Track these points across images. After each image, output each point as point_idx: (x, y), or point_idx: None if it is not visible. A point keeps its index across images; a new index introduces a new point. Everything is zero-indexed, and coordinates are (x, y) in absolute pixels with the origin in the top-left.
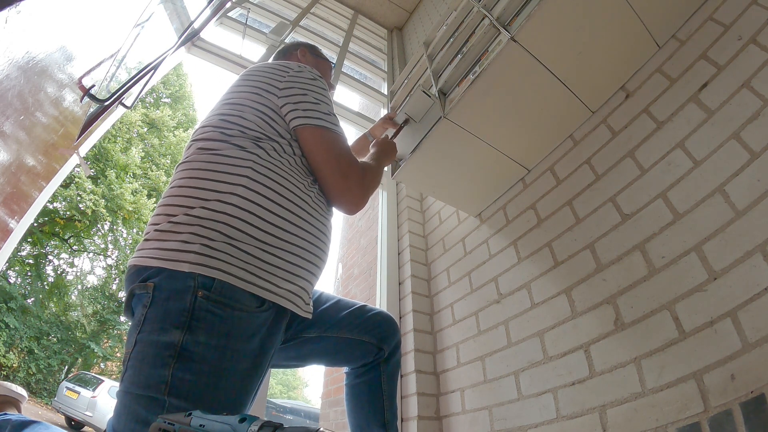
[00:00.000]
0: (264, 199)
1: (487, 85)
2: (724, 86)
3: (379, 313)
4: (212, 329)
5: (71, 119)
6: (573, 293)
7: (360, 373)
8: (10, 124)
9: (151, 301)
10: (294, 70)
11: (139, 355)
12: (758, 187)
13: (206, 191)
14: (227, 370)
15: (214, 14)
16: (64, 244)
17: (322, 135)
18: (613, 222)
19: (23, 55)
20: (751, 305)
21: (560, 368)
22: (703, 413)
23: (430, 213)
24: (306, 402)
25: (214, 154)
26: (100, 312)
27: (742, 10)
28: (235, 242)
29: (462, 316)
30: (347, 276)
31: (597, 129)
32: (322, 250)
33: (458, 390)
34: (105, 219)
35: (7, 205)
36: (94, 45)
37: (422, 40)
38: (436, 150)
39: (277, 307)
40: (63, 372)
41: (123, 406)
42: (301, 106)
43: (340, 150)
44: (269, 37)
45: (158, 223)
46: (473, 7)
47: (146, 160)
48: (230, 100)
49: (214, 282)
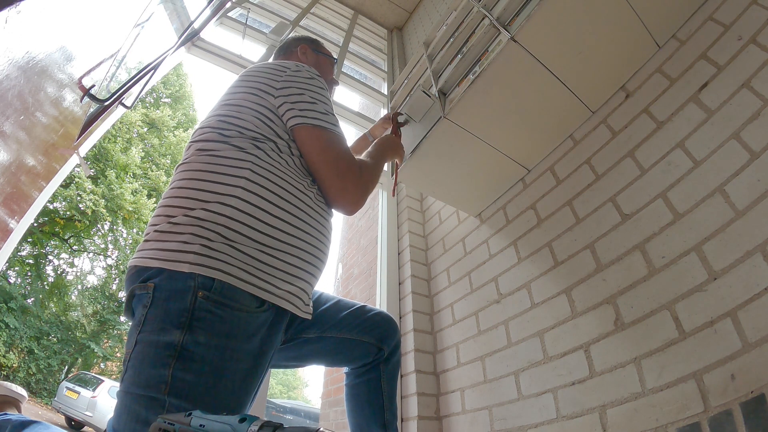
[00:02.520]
0: (263, 200)
1: (487, 85)
2: (724, 86)
3: (379, 314)
4: (212, 329)
5: (71, 119)
6: (573, 293)
7: (360, 373)
8: (10, 124)
9: (152, 301)
10: (291, 70)
11: (139, 355)
12: (758, 187)
13: (205, 192)
14: (227, 370)
15: (214, 14)
16: (64, 244)
17: (320, 135)
18: (613, 222)
19: (23, 55)
20: (751, 305)
21: (560, 368)
22: (703, 413)
23: (430, 213)
24: (306, 402)
25: (213, 155)
26: (100, 312)
27: (742, 10)
28: (234, 243)
29: (462, 316)
30: (347, 276)
31: (597, 129)
32: (322, 251)
33: (458, 390)
34: (105, 219)
35: (7, 205)
36: (94, 45)
37: (422, 40)
38: (436, 150)
39: (277, 308)
40: (63, 372)
41: (123, 406)
42: (298, 105)
43: (338, 150)
44: (269, 37)
45: (158, 224)
46: (473, 7)
47: (146, 160)
48: (228, 101)
49: (214, 282)
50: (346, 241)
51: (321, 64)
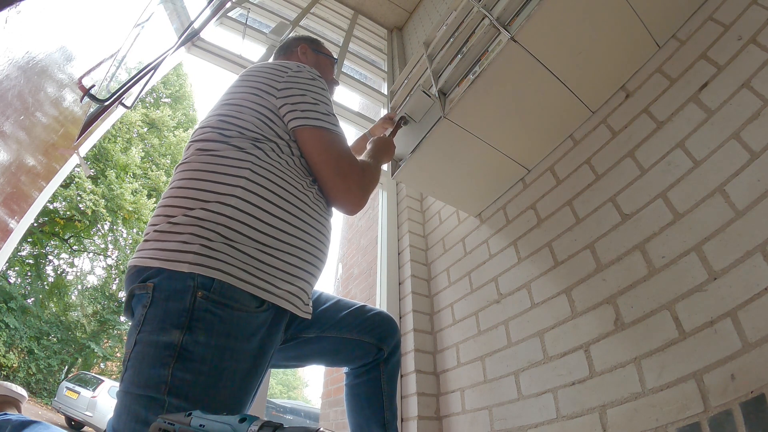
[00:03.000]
0: (262, 200)
1: (487, 85)
2: (724, 86)
3: (379, 314)
4: (212, 329)
5: (71, 119)
6: (573, 293)
7: (360, 373)
8: (10, 124)
9: (151, 301)
10: (293, 71)
11: (138, 355)
12: (758, 187)
13: (205, 192)
14: (227, 370)
15: (214, 14)
16: (64, 244)
17: (321, 136)
18: (613, 222)
19: (23, 55)
20: (751, 305)
21: (560, 368)
22: (703, 413)
23: (430, 213)
24: (306, 402)
25: (213, 155)
26: (100, 312)
27: (742, 10)
28: (234, 243)
29: (462, 316)
30: (347, 276)
31: (597, 129)
32: (321, 251)
33: (458, 390)
34: (105, 219)
35: (7, 205)
36: (94, 45)
37: (422, 40)
38: (436, 150)
39: (277, 308)
40: (63, 372)
41: (123, 406)
42: (299, 107)
43: (339, 150)
44: (269, 37)
45: (158, 223)
46: (473, 7)
47: (146, 160)
48: (229, 100)
49: (214, 282)
50: (346, 241)
51: (321, 64)
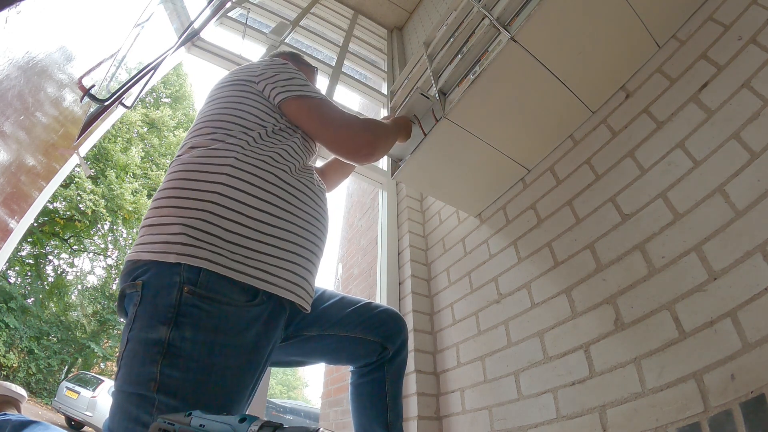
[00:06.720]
0: (249, 186)
1: (487, 85)
2: (724, 86)
3: (385, 311)
4: (198, 325)
5: (71, 119)
6: (573, 293)
7: (364, 372)
8: (10, 124)
9: (141, 299)
10: (266, 61)
11: (130, 353)
12: (758, 187)
13: (193, 182)
14: (216, 365)
15: (214, 14)
16: (64, 244)
17: (307, 103)
18: (613, 222)
19: (23, 55)
20: (751, 305)
21: (560, 368)
22: (703, 413)
23: (430, 213)
24: (306, 402)
25: (201, 149)
26: (100, 312)
27: (742, 10)
28: (220, 231)
29: (462, 316)
30: (347, 276)
31: (597, 129)
32: (317, 236)
33: (458, 390)
34: (105, 219)
35: (7, 205)
36: (94, 45)
37: (422, 40)
38: (436, 150)
39: (273, 301)
40: (63, 372)
41: (117, 405)
42: (279, 83)
43: (329, 110)
44: (269, 37)
45: (149, 217)
46: (473, 7)
47: (146, 160)
48: (214, 97)
49: (200, 276)
50: (346, 241)
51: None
